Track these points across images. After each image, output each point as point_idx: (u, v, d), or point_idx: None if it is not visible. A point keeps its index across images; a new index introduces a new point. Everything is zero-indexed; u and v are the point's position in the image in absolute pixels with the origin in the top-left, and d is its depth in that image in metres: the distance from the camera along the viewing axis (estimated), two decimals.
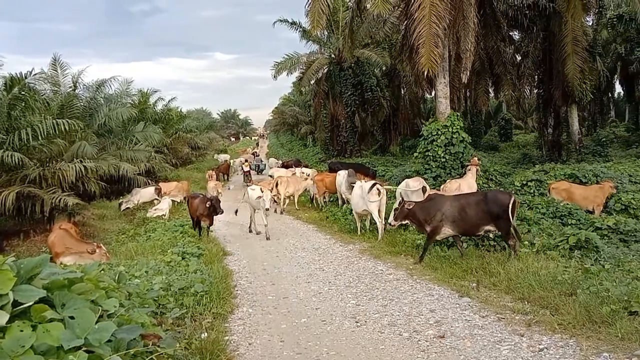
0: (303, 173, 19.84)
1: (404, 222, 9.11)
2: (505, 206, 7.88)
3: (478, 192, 9.50)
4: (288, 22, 28.95)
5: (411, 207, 8.60)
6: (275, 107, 61.66)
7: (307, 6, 16.06)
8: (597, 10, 23.42)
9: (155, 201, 17.29)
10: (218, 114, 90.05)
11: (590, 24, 23.77)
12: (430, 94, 25.82)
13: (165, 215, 15.94)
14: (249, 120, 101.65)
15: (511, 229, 7.98)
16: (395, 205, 9.10)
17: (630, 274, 6.60)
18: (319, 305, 6.62)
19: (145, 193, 18.13)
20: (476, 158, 14.45)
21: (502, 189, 14.70)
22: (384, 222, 10.78)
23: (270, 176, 20.81)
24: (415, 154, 16.79)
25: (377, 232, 10.99)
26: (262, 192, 12.44)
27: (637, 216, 12.06)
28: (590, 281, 6.07)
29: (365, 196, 10.91)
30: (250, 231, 13.22)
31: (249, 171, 29.11)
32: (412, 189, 11.72)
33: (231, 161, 33.34)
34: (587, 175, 14.25)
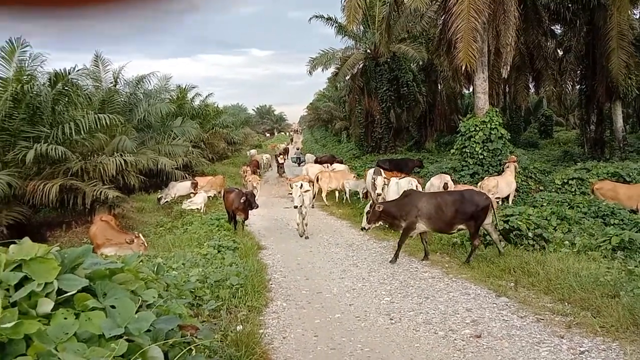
0: (334, 169, 19.79)
1: (377, 224, 9.09)
2: (481, 207, 8.05)
3: (455, 191, 9.47)
4: (324, 17, 28.88)
5: (382, 207, 8.64)
6: (310, 103, 61.81)
7: (343, 1, 16.03)
8: None
9: (192, 195, 17.58)
10: (253, 109, 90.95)
11: (637, 17, 22.83)
12: (468, 90, 25.39)
13: (201, 209, 16.19)
14: (284, 116, 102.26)
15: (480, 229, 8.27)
16: (367, 208, 9.03)
17: None
18: (353, 301, 6.60)
19: (182, 187, 18.45)
20: (514, 156, 14.12)
21: (541, 186, 14.34)
22: None
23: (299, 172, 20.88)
24: (452, 151, 16.55)
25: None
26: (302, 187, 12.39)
27: None
28: (634, 283, 5.85)
29: (400, 192, 10.85)
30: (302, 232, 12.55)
31: (283, 164, 30.27)
32: (435, 187, 11.63)
33: (261, 156, 33.06)
34: (631, 174, 13.73)
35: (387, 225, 9.35)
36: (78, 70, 14.76)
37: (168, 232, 13.07)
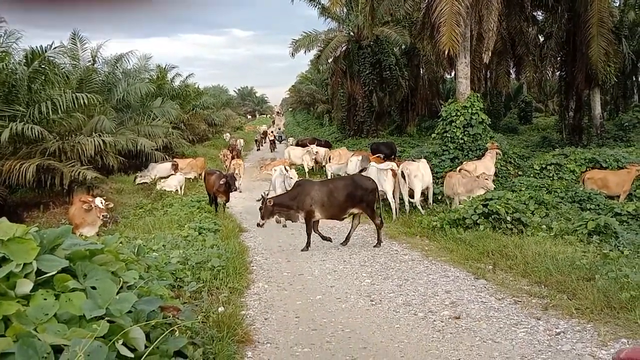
0: (317, 153, 19.77)
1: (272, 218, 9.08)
2: (369, 190, 8.53)
3: (344, 177, 9.94)
4: None
5: (272, 202, 8.67)
6: (292, 86, 61.35)
7: None
8: None
9: (172, 176, 17.44)
10: (235, 91, 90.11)
11: (617, 4, 23.12)
12: (450, 74, 25.43)
13: (178, 192, 16.11)
14: (266, 98, 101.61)
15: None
16: (260, 204, 9.00)
17: None
18: (334, 283, 6.66)
19: (162, 168, 18.26)
20: (495, 143, 14.24)
21: (519, 171, 14.54)
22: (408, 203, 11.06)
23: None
24: (433, 135, 16.64)
25: (392, 212, 11.07)
26: (287, 170, 12.37)
27: None
28: (609, 267, 5.99)
29: (380, 177, 10.97)
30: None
31: (274, 140, 32.60)
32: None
33: (237, 141, 32.21)
34: (607, 160, 13.97)
35: (283, 218, 9.28)
36: (55, 48, 14.37)
37: (148, 214, 12.95)
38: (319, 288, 6.48)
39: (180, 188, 16.50)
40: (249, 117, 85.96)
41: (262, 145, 37.95)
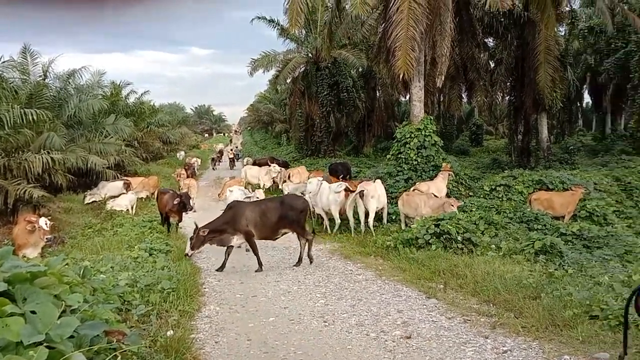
0: (279, 172, 19.76)
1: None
2: (300, 210, 8.68)
3: (276, 197, 10.11)
4: (266, 19, 28.84)
5: (207, 231, 8.36)
6: (251, 105, 61.28)
7: (285, 4, 16.04)
8: (569, 21, 24.09)
9: (123, 195, 17.00)
10: (192, 109, 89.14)
11: (563, 34, 24.40)
12: (405, 97, 26.07)
13: (130, 211, 15.72)
14: (223, 117, 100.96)
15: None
16: (191, 234, 8.59)
17: (592, 279, 6.79)
18: (288, 304, 6.62)
19: (113, 187, 17.78)
20: (449, 165, 14.64)
21: (470, 192, 14.96)
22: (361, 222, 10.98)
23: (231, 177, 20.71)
24: (388, 156, 16.95)
25: (335, 229, 11.56)
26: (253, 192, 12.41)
27: (600, 223, 12.42)
28: (554, 285, 6.22)
29: (331, 196, 11.19)
30: None
31: (233, 159, 33.30)
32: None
33: (193, 160, 31.57)
34: (553, 181, 14.59)
35: (215, 244, 8.79)
36: (4, 62, 13.90)
37: (97, 234, 12.54)
38: (272, 309, 6.43)
39: (132, 207, 16.10)
40: (207, 135, 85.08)
41: (218, 164, 37.59)
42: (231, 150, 39.40)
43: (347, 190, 11.48)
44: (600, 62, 29.48)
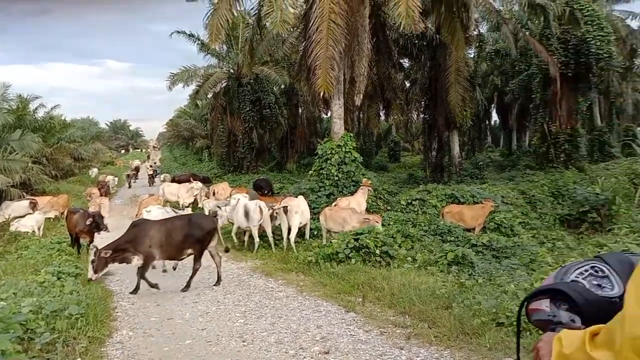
0: (200, 189, 19.33)
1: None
2: (207, 230, 8.34)
3: (183, 215, 9.60)
4: (186, 34, 28.38)
5: (109, 252, 8.01)
6: (170, 120, 59.71)
7: (205, 19, 15.86)
8: (478, 44, 25.73)
9: (29, 215, 15.85)
10: (106, 124, 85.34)
11: (472, 56, 25.99)
12: (327, 114, 26.60)
13: (37, 232, 14.69)
14: (141, 132, 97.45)
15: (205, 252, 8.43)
16: (91, 257, 8.12)
17: (500, 287, 7.18)
18: (206, 326, 6.43)
19: (18, 207, 16.54)
20: (369, 180, 15.01)
21: (388, 207, 15.42)
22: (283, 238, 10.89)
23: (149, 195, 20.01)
24: (310, 172, 17.12)
25: (255, 247, 11.39)
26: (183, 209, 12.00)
27: (507, 234, 13.23)
28: (464, 295, 6.52)
29: (249, 212, 11.11)
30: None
31: (153, 175, 32.60)
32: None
33: (107, 178, 30.16)
34: (464, 195, 15.39)
35: (118, 263, 8.28)
36: None
37: None
38: (189, 332, 6.22)
39: (39, 229, 15.03)
40: (123, 151, 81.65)
41: (134, 181, 36.12)
42: (150, 166, 38.14)
43: (261, 207, 11.45)
44: (506, 83, 31.68)
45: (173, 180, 23.44)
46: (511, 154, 34.22)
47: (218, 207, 12.59)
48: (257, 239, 11.36)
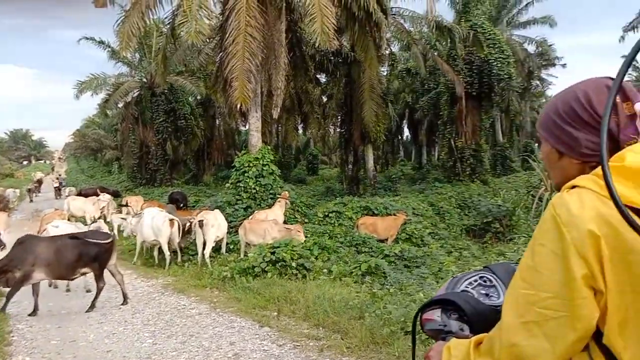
0: (99, 200, 18.40)
1: None
2: (104, 248, 7.95)
3: (77, 233, 8.89)
4: (95, 40, 27.14)
5: None
6: (77, 129, 56.38)
7: (116, 26, 15.22)
8: (390, 62, 26.77)
9: None
10: (6, 133, 79.07)
11: (385, 74, 27.00)
12: (245, 126, 26.40)
13: None
14: (44, 142, 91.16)
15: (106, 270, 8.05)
16: None
17: (410, 296, 7.45)
18: (112, 347, 6.10)
19: None
20: (287, 192, 15.06)
21: (306, 219, 15.55)
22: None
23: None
24: (227, 185, 16.87)
25: (167, 263, 11.05)
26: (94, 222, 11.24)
27: (418, 244, 13.80)
28: (376, 305, 6.69)
29: (156, 226, 10.74)
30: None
31: (59, 187, 31.06)
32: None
33: (6, 191, 27.61)
34: (378, 207, 15.87)
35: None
36: None
37: None
38: (93, 355, 5.87)
39: None
40: (24, 162, 75.92)
41: (37, 195, 33.68)
42: (56, 178, 35.88)
43: (171, 220, 11.12)
44: (416, 100, 33.20)
45: (79, 194, 22.10)
46: (421, 168, 35.81)
47: (123, 218, 12.03)
48: (167, 254, 10.98)
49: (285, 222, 14.34)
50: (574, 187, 1.08)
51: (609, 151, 0.99)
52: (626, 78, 1.04)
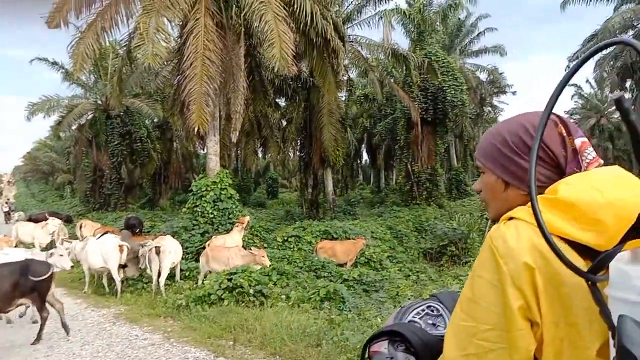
0: (47, 225, 17.69)
1: None
2: (43, 278, 7.54)
3: (13, 262, 8.25)
4: (48, 61, 26.48)
5: None
6: (28, 152, 54.52)
7: (70, 47, 14.90)
8: (348, 88, 27.25)
9: None
10: None
11: (344, 99, 27.43)
12: (203, 150, 26.13)
13: None
14: None
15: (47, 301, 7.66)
16: None
17: (368, 322, 7.46)
18: None
19: None
20: (245, 218, 14.90)
21: (265, 244, 15.40)
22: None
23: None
24: (183, 209, 16.56)
25: (118, 291, 10.66)
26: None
27: (377, 268, 13.87)
28: (334, 331, 6.64)
29: (105, 252, 10.41)
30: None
31: (9, 212, 30.15)
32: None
33: None
34: (337, 231, 15.92)
35: None
36: None
37: None
38: None
39: None
40: None
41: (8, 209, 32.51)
42: (5, 203, 34.50)
43: (121, 246, 10.77)
44: (374, 125, 33.81)
45: (30, 220, 21.19)
46: (380, 191, 36.30)
47: (68, 241, 11.54)
48: (118, 281, 10.60)
49: (243, 248, 14.17)
50: (510, 218, 1.10)
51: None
52: (572, 105, 1.06)
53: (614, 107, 41.92)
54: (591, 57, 0.94)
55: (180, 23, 15.15)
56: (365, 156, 46.68)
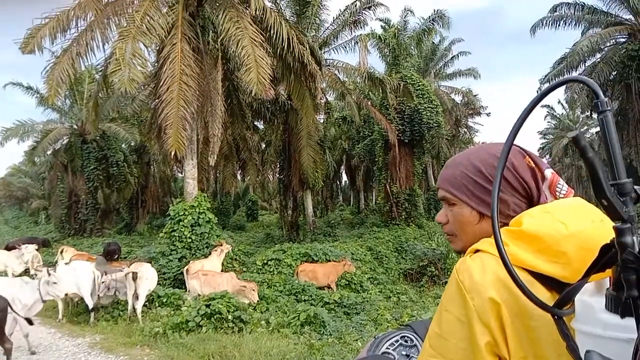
0: (22, 254, 17.23)
1: None
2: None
3: None
4: (23, 86, 26.17)
5: None
6: (1, 178, 53.34)
7: (44, 72, 14.76)
8: (326, 110, 27.47)
9: None
10: None
11: (322, 121, 27.61)
12: (181, 174, 25.93)
13: None
14: None
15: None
16: None
17: (348, 346, 7.42)
18: None
19: None
20: (224, 242, 14.75)
21: (244, 268, 15.25)
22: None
23: None
24: (161, 234, 16.34)
25: (91, 318, 10.48)
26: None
27: (357, 290, 13.85)
28: (314, 357, 6.60)
29: (78, 278, 10.20)
30: None
31: None
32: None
33: None
34: (317, 254, 15.86)
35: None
36: None
37: None
38: None
39: None
40: None
41: None
42: None
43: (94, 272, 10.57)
44: (352, 147, 34.07)
45: (6, 248, 20.62)
46: (360, 212, 36.33)
47: (39, 270, 11.22)
48: (90, 304, 10.32)
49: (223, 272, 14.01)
50: (477, 251, 1.09)
51: None
52: (545, 125, 1.07)
53: (585, 127, 43.16)
54: (547, 95, 0.95)
55: (157, 48, 15.17)
56: (344, 177, 46.87)
